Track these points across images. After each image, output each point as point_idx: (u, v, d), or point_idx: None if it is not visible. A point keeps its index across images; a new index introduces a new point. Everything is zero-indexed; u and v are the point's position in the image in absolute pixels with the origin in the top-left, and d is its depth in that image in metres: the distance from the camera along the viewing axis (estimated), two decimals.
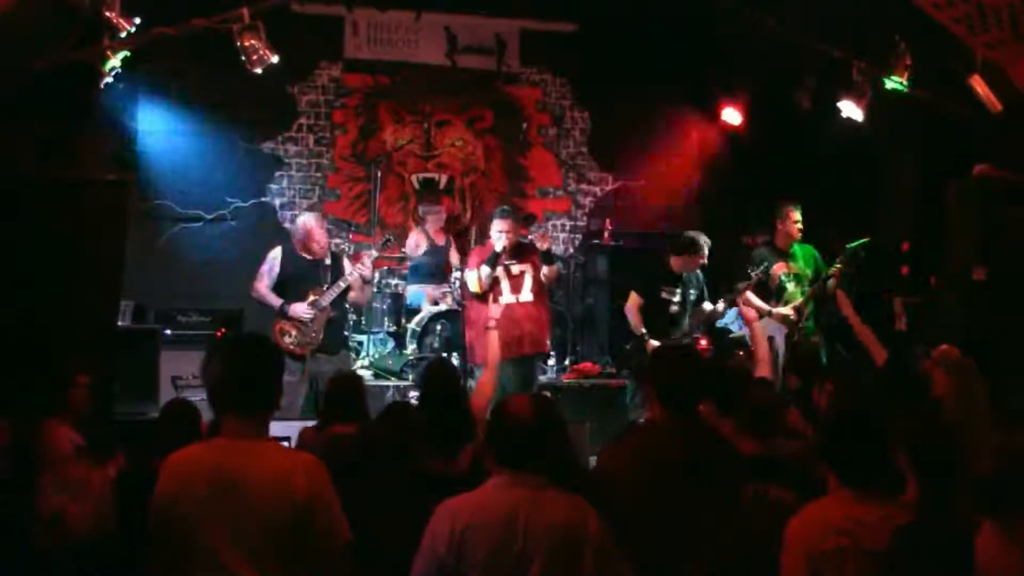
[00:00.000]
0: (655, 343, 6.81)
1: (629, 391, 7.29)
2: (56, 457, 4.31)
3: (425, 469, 3.65)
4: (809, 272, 7.07)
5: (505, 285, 7.01)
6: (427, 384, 4.52)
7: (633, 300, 7.05)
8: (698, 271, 7.18)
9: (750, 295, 7.01)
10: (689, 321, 7.08)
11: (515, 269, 7.03)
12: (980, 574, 2.63)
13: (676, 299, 7.04)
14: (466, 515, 2.84)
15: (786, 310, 6.88)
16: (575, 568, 2.80)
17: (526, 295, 7.02)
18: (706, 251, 7.02)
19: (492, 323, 5.67)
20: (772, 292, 7.03)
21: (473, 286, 6.96)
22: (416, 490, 3.39)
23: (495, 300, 6.91)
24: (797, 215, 7.06)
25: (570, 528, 2.83)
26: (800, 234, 7.10)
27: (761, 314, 6.96)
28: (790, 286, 7.01)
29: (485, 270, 6.89)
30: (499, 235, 6.93)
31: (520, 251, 7.11)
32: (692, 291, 7.10)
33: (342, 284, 6.69)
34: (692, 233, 7.14)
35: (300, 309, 6.57)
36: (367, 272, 6.99)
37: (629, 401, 7.19)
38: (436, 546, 2.83)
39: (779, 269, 7.04)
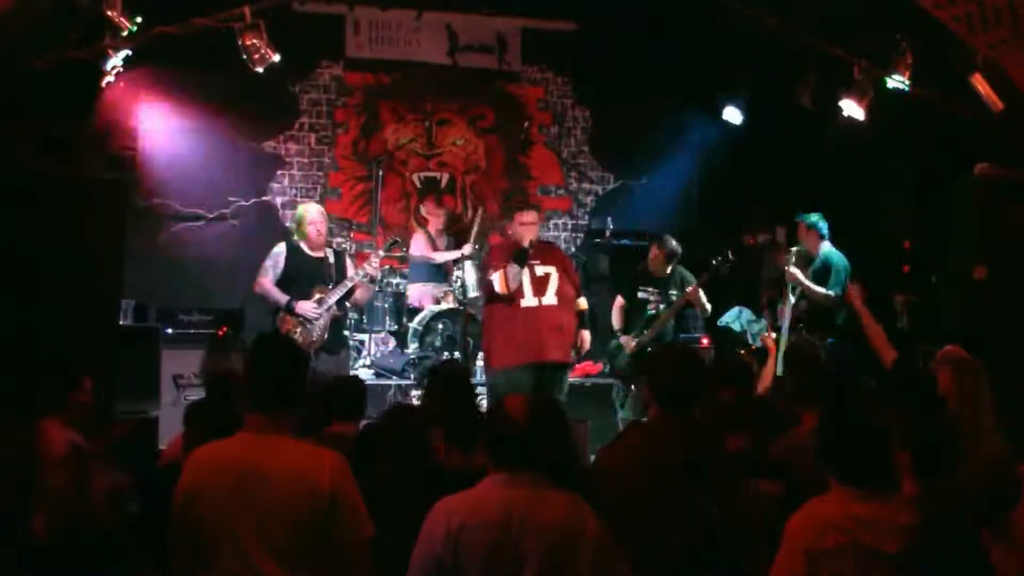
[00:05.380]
0: (628, 340, 7.09)
1: (616, 391, 7.35)
2: (53, 457, 4.30)
3: (435, 466, 3.65)
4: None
5: (528, 287, 6.50)
6: (439, 382, 4.49)
7: (617, 302, 7.38)
8: (686, 272, 7.23)
9: None
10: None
11: (540, 270, 6.53)
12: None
13: (653, 299, 7.16)
14: (462, 514, 2.84)
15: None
16: (572, 567, 2.79)
17: (550, 298, 6.51)
18: (663, 245, 7.20)
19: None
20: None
21: (498, 286, 6.44)
22: (417, 488, 3.39)
23: (516, 303, 6.44)
24: (805, 223, 7.00)
25: (567, 527, 2.83)
26: (821, 240, 6.99)
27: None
28: (792, 295, 7.00)
29: (514, 268, 6.38)
30: (524, 229, 6.51)
31: (545, 250, 6.69)
32: (674, 291, 7.15)
33: (347, 284, 6.63)
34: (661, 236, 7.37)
35: (308, 307, 6.48)
36: (375, 272, 6.90)
37: (616, 401, 7.26)
38: (433, 544, 2.84)
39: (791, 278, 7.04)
